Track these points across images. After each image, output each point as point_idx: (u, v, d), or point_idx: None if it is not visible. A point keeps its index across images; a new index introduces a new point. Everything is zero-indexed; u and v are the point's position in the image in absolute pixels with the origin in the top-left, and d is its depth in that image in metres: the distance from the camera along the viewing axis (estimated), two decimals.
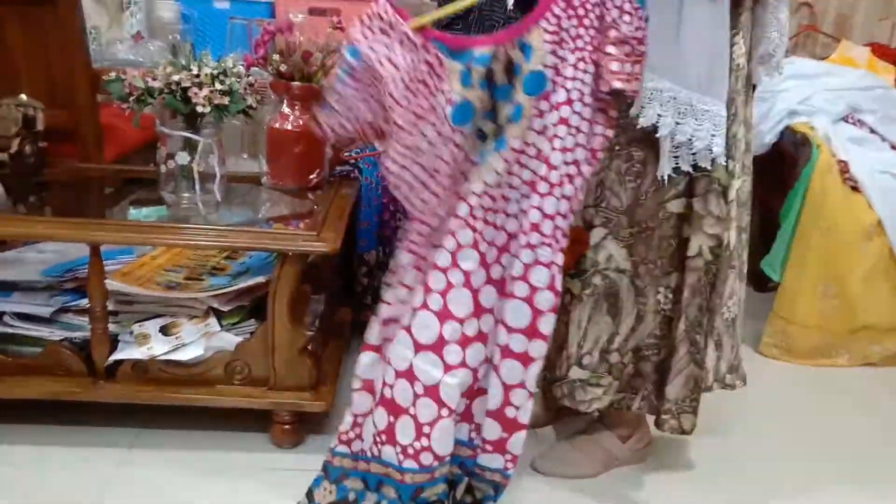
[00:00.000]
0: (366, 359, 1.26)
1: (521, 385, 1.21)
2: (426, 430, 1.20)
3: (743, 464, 1.55)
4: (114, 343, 1.41)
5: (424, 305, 1.20)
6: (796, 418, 1.76)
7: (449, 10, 1.21)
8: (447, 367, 1.20)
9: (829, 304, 2.02)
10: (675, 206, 1.29)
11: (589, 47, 1.16)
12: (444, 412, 1.20)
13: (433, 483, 1.23)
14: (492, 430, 1.24)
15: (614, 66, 1.14)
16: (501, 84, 1.17)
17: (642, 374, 1.36)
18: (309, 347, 1.43)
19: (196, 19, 2.13)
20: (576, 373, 1.35)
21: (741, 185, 1.33)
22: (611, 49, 1.14)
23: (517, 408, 1.22)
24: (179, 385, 1.41)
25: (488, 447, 1.25)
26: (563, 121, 1.17)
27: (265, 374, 1.42)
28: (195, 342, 1.40)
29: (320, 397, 1.43)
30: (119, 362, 1.40)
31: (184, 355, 1.39)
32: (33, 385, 1.39)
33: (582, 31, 1.16)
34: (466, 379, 1.22)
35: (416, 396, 1.20)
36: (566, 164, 1.18)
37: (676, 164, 1.24)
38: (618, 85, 1.14)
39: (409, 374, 1.20)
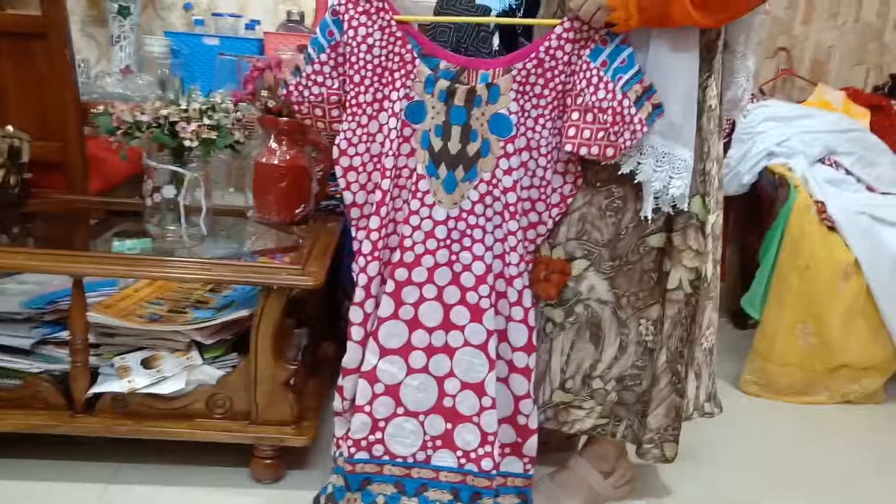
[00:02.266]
0: (349, 384, 1.35)
1: (528, 395, 1.34)
2: (381, 424, 1.33)
3: (722, 496, 1.55)
4: (94, 376, 1.39)
5: (395, 315, 1.31)
6: (775, 450, 1.77)
7: (440, 19, 1.39)
8: (409, 371, 1.32)
9: (807, 343, 2.04)
10: (655, 241, 1.32)
11: (550, 107, 1.29)
12: (401, 410, 1.33)
13: (382, 478, 1.34)
14: (507, 434, 1.36)
15: (571, 130, 1.26)
16: (458, 104, 1.28)
17: (625, 403, 1.38)
18: (292, 382, 1.43)
19: (185, 54, 2.15)
20: (559, 396, 1.37)
21: (715, 220, 1.37)
22: (574, 115, 1.26)
23: (526, 416, 1.35)
24: (160, 419, 1.40)
25: (507, 450, 1.37)
26: (524, 164, 1.31)
27: (247, 409, 1.41)
28: (176, 375, 1.40)
29: (302, 432, 1.42)
30: (98, 395, 1.38)
31: (165, 389, 1.38)
32: (11, 418, 1.37)
33: (546, 91, 1.29)
34: (429, 386, 1.33)
35: (375, 396, 1.32)
36: (522, 200, 1.31)
37: (657, 205, 1.28)
38: (568, 148, 1.26)
39: (370, 376, 1.32)
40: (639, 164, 1.26)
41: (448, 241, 1.30)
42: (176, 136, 1.43)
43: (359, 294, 1.31)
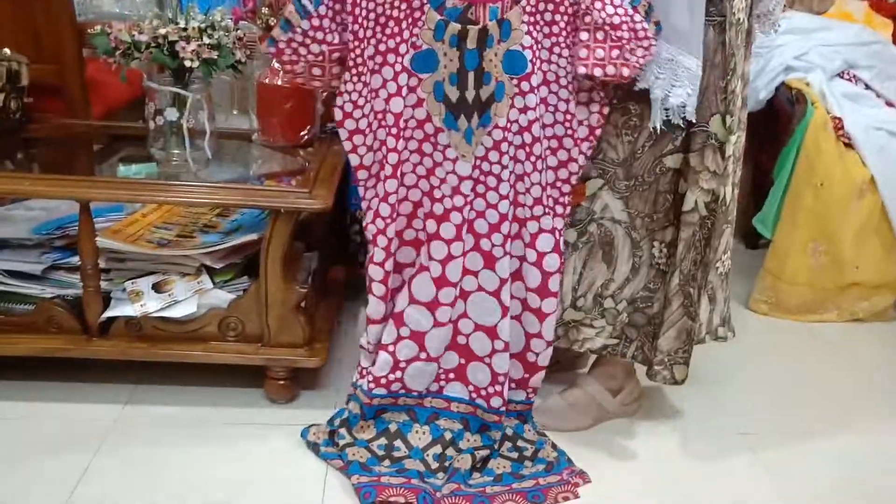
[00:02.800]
0: (373, 331, 1.36)
1: (539, 335, 1.35)
2: (402, 365, 1.34)
3: (730, 414, 1.57)
4: (106, 300, 1.40)
5: (425, 269, 1.31)
6: (784, 369, 1.78)
7: None
8: (437, 323, 1.33)
9: (818, 262, 2.03)
10: (672, 161, 1.29)
11: (563, 33, 1.21)
12: (423, 356, 1.34)
13: (396, 408, 1.37)
14: (516, 369, 1.38)
15: (582, 52, 1.18)
16: (470, 47, 1.21)
17: (636, 324, 1.38)
18: (302, 304, 1.43)
19: None
20: (570, 314, 1.38)
21: (737, 141, 1.33)
22: (583, 35, 1.18)
23: (536, 354, 1.36)
24: (173, 342, 1.41)
25: (512, 384, 1.38)
26: (543, 101, 1.25)
27: (259, 331, 1.42)
28: (188, 299, 1.40)
29: (314, 353, 1.44)
30: (112, 319, 1.40)
31: (177, 312, 1.39)
32: (26, 342, 1.39)
33: (557, 17, 1.21)
34: (447, 333, 1.35)
35: (400, 338, 1.33)
36: (547, 138, 1.26)
37: (667, 116, 1.24)
38: (582, 70, 1.19)
39: (397, 318, 1.33)
40: (641, 70, 1.21)
41: (470, 193, 1.29)
42: (176, 56, 1.40)
43: (378, 255, 1.31)
